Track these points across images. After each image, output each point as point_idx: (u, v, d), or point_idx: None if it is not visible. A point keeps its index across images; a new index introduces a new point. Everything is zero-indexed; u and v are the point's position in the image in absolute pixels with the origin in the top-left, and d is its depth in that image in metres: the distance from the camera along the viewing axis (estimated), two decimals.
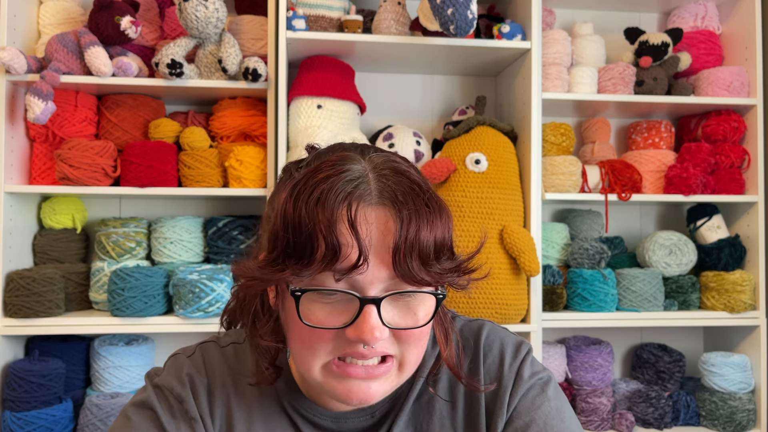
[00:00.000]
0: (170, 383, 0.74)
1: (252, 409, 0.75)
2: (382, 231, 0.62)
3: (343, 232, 0.60)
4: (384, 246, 0.62)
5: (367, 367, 0.65)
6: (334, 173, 0.63)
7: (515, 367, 0.76)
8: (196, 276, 1.88)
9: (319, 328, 0.64)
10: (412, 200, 0.63)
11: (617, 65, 2.15)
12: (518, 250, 1.86)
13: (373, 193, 0.62)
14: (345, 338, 0.64)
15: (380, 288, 0.63)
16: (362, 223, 0.61)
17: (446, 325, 0.76)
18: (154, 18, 2.12)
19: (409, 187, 0.64)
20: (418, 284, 0.63)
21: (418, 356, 0.69)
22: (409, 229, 0.61)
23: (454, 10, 1.72)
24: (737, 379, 2.10)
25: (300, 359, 0.67)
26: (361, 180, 0.63)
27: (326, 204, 0.61)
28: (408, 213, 0.62)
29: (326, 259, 0.60)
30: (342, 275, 0.61)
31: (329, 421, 0.75)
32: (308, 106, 1.94)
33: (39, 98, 1.79)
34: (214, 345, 0.80)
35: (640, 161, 2.22)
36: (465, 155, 1.94)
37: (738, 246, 2.19)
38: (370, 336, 0.62)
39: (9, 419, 1.78)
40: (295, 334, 0.67)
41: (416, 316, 0.66)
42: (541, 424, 0.72)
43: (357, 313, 0.63)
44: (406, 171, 0.66)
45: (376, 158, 0.67)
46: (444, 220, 0.65)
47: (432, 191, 0.66)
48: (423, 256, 0.62)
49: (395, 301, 0.65)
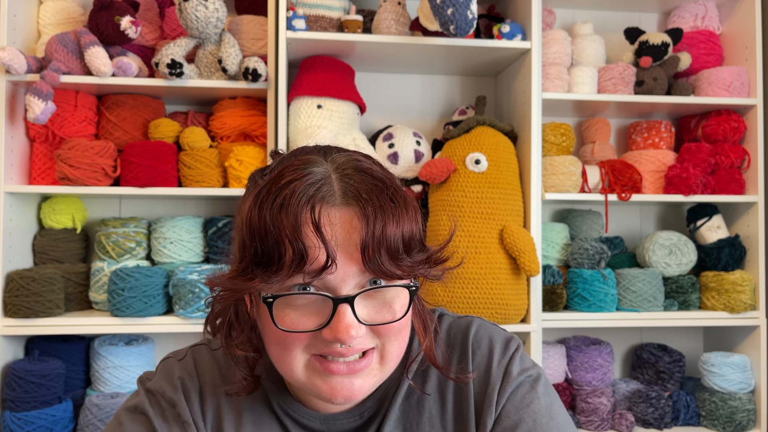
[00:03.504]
0: (162, 387, 0.75)
1: (241, 412, 0.75)
2: (348, 230, 0.62)
3: (308, 234, 0.61)
4: (351, 244, 0.62)
5: (348, 363, 0.66)
6: (296, 177, 0.63)
7: (504, 364, 0.76)
8: (196, 276, 1.88)
9: (295, 332, 0.64)
10: (376, 197, 0.63)
11: (617, 65, 2.15)
12: (518, 250, 1.86)
13: (336, 193, 0.63)
14: (322, 338, 0.64)
15: (352, 284, 0.63)
16: (326, 224, 0.61)
17: (424, 315, 0.76)
18: (154, 18, 2.12)
19: (372, 185, 0.64)
20: (390, 278, 0.64)
21: (399, 348, 0.69)
22: (375, 226, 0.61)
23: (454, 10, 1.72)
24: (737, 379, 2.10)
25: (279, 363, 0.68)
26: (324, 181, 0.63)
27: (289, 209, 0.61)
28: (373, 209, 0.62)
29: (294, 263, 0.61)
30: (312, 278, 0.62)
31: (318, 422, 0.75)
32: (308, 106, 1.94)
33: (39, 98, 1.79)
34: (206, 348, 0.80)
35: (640, 161, 2.22)
36: (465, 155, 1.94)
37: (738, 246, 2.19)
38: (346, 335, 0.62)
39: (9, 419, 1.78)
40: (271, 339, 0.67)
41: (392, 309, 0.66)
42: (530, 423, 0.72)
43: (331, 314, 0.63)
44: (369, 168, 0.66)
45: (339, 158, 0.67)
46: (411, 214, 0.65)
47: (397, 186, 0.66)
48: (392, 251, 0.62)
49: (370, 297, 0.65)
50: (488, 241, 1.88)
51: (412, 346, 0.78)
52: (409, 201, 0.66)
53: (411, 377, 0.77)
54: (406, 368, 0.76)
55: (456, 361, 0.77)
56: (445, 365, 0.76)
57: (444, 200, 1.94)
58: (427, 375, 0.77)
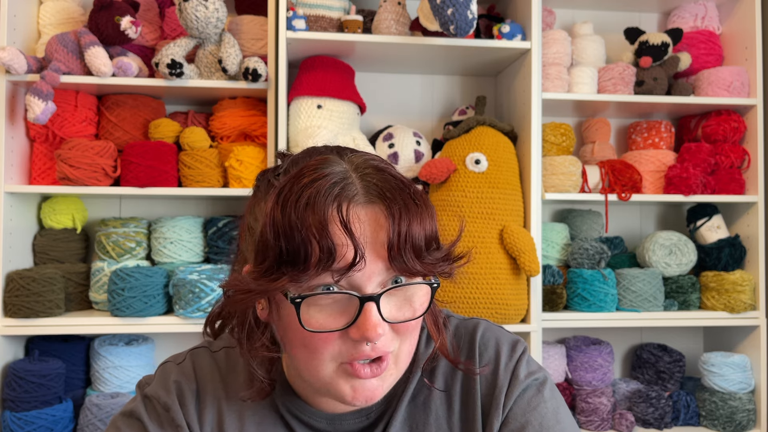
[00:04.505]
0: (157, 392, 0.75)
1: (244, 413, 0.75)
2: (374, 228, 0.63)
3: (336, 232, 0.61)
4: (378, 242, 0.63)
5: (372, 366, 0.66)
6: (318, 176, 0.63)
7: (511, 367, 0.76)
8: (196, 276, 1.88)
9: (323, 332, 0.64)
10: (400, 196, 0.64)
11: (617, 65, 2.15)
12: (518, 250, 1.86)
13: (360, 192, 0.63)
14: (348, 338, 0.64)
15: (377, 282, 0.64)
16: (355, 221, 0.61)
17: (436, 313, 0.76)
18: (154, 18, 2.12)
19: (394, 184, 0.64)
20: (413, 276, 0.65)
21: (410, 348, 0.70)
22: (401, 224, 0.62)
23: (454, 10, 1.72)
24: (737, 379, 2.10)
25: (305, 365, 0.67)
26: (346, 180, 0.63)
27: (316, 207, 0.61)
28: (398, 208, 0.63)
29: (322, 261, 0.60)
30: (341, 275, 0.62)
31: (324, 422, 0.75)
32: (308, 106, 1.94)
33: (39, 98, 1.79)
34: (205, 350, 0.80)
35: (640, 161, 2.22)
36: (465, 155, 1.94)
37: (738, 246, 2.19)
38: (374, 333, 0.62)
39: (9, 419, 1.78)
40: (297, 341, 0.66)
41: (413, 307, 0.67)
42: (537, 426, 0.72)
43: (357, 312, 0.63)
44: (387, 168, 0.66)
45: (355, 159, 0.67)
46: (430, 213, 0.66)
47: (414, 186, 0.67)
48: (416, 249, 0.63)
49: (391, 296, 0.65)
50: (488, 241, 1.88)
51: (419, 347, 0.78)
52: (428, 201, 0.67)
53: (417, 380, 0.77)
54: (420, 367, 0.76)
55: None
56: (456, 358, 0.77)
57: (444, 200, 1.94)
58: (434, 376, 0.78)
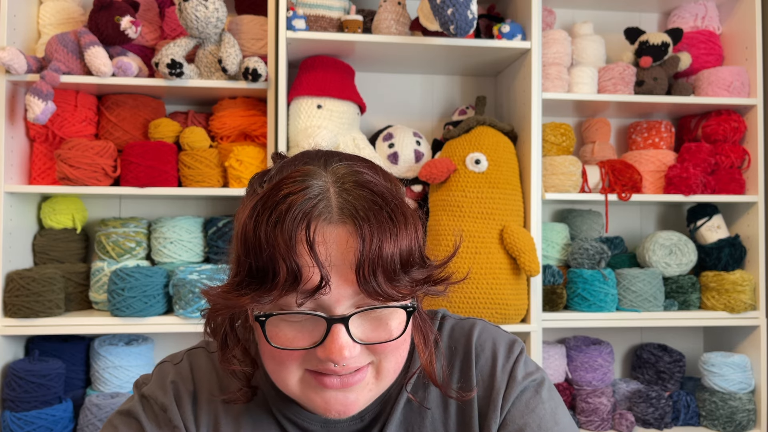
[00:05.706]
0: (154, 392, 0.75)
1: (240, 415, 0.75)
2: (343, 249, 0.60)
3: (302, 254, 0.59)
4: (346, 264, 0.60)
5: (342, 378, 0.65)
6: (294, 190, 0.61)
7: (508, 369, 0.75)
8: (196, 276, 1.88)
9: (289, 349, 0.63)
10: (374, 215, 0.61)
11: (617, 65, 2.15)
12: (518, 250, 1.86)
13: (333, 210, 0.61)
14: (316, 356, 0.63)
15: (348, 304, 0.62)
16: (321, 243, 0.60)
17: (425, 329, 0.74)
18: (154, 18, 2.12)
19: (371, 201, 0.62)
20: (386, 299, 0.62)
21: (396, 364, 0.68)
22: (371, 246, 0.59)
23: (454, 10, 1.72)
24: (737, 379, 2.09)
25: (275, 376, 0.67)
26: (321, 196, 0.61)
27: (284, 226, 0.59)
28: (369, 229, 0.60)
29: (287, 282, 0.59)
30: (305, 298, 0.60)
31: (318, 425, 0.74)
32: (308, 106, 1.94)
33: (39, 98, 1.79)
34: (203, 351, 0.80)
35: (640, 161, 2.22)
36: (465, 155, 1.94)
37: (738, 246, 2.19)
38: (339, 356, 0.61)
39: (9, 419, 1.78)
40: (266, 354, 0.66)
41: (388, 328, 0.64)
42: (535, 428, 0.71)
43: (325, 333, 0.62)
44: (369, 182, 0.63)
45: (340, 169, 0.65)
46: (410, 230, 0.62)
47: (398, 201, 0.63)
48: (387, 272, 0.60)
49: (366, 315, 0.64)
50: (488, 241, 1.88)
51: (414, 357, 0.76)
52: (410, 217, 0.63)
53: (412, 385, 0.76)
54: (406, 380, 0.75)
55: (459, 366, 0.77)
56: (445, 381, 0.75)
57: (444, 200, 1.94)
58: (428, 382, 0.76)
